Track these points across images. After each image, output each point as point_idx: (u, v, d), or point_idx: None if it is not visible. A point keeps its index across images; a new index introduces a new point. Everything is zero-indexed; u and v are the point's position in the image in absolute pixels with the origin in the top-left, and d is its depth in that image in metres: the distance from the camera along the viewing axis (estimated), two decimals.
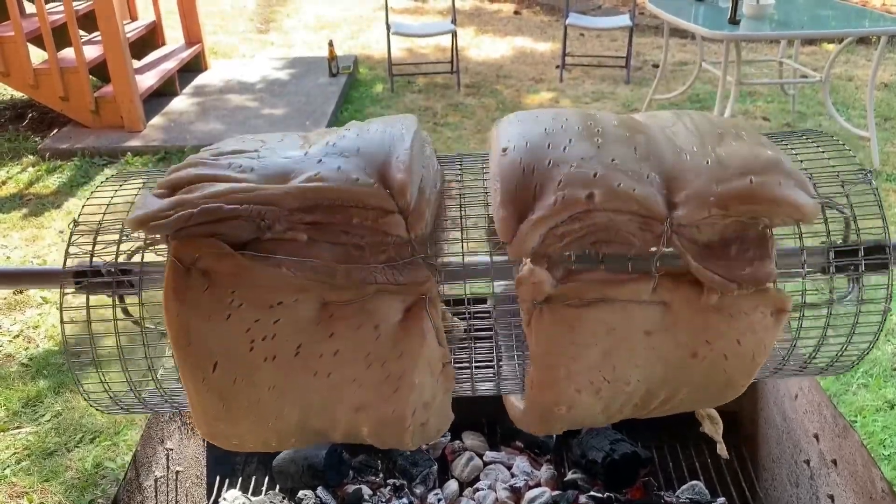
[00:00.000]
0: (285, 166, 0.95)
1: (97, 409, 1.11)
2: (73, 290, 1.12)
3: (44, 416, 2.86)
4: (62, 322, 1.04)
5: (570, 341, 0.92)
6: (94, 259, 1.14)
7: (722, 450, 1.55)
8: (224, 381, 0.92)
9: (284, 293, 0.90)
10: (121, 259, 1.10)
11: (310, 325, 0.91)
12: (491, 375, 1.08)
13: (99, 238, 1.11)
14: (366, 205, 0.90)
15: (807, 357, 1.08)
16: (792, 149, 1.12)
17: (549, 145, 0.93)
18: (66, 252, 1.08)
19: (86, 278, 1.10)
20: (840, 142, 1.15)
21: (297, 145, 1.01)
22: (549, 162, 0.91)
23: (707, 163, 0.92)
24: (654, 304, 0.92)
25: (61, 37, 5.09)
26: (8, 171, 4.86)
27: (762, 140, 0.99)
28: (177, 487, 1.58)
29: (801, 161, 1.10)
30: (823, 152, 1.13)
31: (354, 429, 0.99)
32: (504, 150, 0.95)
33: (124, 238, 1.15)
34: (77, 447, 2.71)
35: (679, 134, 0.99)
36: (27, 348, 3.23)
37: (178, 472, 1.60)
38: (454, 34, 6.21)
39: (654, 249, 0.90)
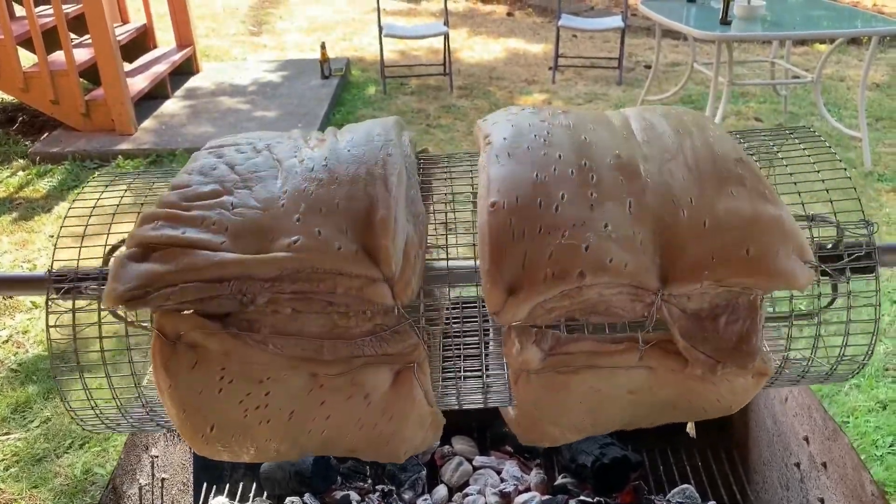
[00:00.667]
0: (261, 224, 0.90)
1: (83, 428, 1.10)
2: (55, 297, 1.11)
3: (33, 421, 2.84)
4: (48, 337, 1.03)
5: (556, 401, 0.95)
6: (81, 264, 1.14)
7: None
8: (222, 437, 0.94)
9: (273, 370, 0.90)
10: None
11: (301, 394, 0.92)
12: (479, 388, 1.08)
13: (84, 244, 1.10)
14: (349, 274, 0.88)
15: (802, 370, 1.07)
16: (783, 159, 1.11)
17: (540, 203, 0.88)
18: (52, 261, 1.07)
19: (66, 284, 1.09)
20: (827, 144, 1.14)
21: (273, 173, 0.96)
22: (540, 228, 0.86)
23: (705, 224, 0.88)
24: (639, 368, 0.93)
25: (51, 40, 5.07)
26: None
27: (764, 188, 0.93)
28: (162, 495, 1.56)
29: (791, 174, 1.09)
30: (810, 156, 1.12)
31: (349, 454, 1.03)
32: (493, 204, 0.88)
33: (109, 245, 1.14)
34: (66, 453, 2.69)
35: (677, 174, 0.93)
36: (16, 353, 3.21)
37: (163, 479, 1.58)
38: (446, 36, 6.20)
39: (644, 317, 0.90)
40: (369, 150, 0.98)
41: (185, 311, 0.89)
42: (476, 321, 1.03)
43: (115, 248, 1.06)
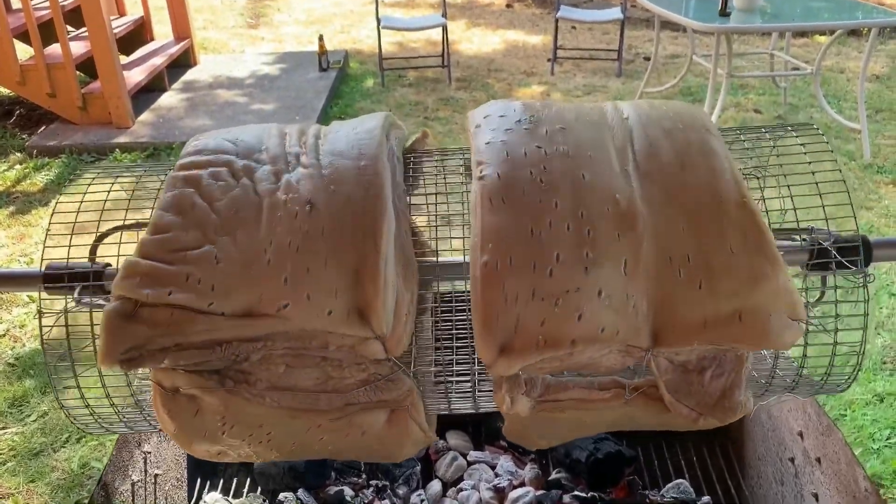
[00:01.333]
0: (249, 283, 0.88)
1: (78, 427, 1.10)
2: (46, 294, 1.11)
3: (30, 416, 2.84)
4: (41, 335, 1.03)
5: (543, 430, 1.03)
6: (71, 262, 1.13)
7: None
8: (228, 456, 1.01)
9: (271, 419, 0.94)
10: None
11: (300, 433, 0.96)
12: (468, 391, 1.08)
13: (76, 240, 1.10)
14: (341, 334, 0.88)
15: (794, 380, 1.07)
16: (779, 156, 1.11)
17: (534, 266, 0.85)
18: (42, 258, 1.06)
19: (56, 283, 1.09)
20: (825, 140, 1.13)
21: (255, 214, 0.92)
22: (534, 293, 0.85)
23: (700, 286, 0.87)
24: (623, 407, 0.97)
25: (48, 33, 5.05)
26: None
27: (762, 240, 0.91)
28: (155, 490, 1.56)
29: (786, 176, 1.08)
30: (806, 153, 1.12)
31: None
32: (486, 264, 0.86)
33: (100, 242, 1.14)
34: (63, 447, 2.69)
35: (676, 224, 0.90)
36: (13, 348, 3.21)
37: (156, 475, 1.58)
38: (445, 28, 6.18)
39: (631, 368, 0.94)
40: (357, 187, 0.94)
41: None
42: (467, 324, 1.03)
43: (101, 238, 1.06)
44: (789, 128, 1.17)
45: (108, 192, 1.14)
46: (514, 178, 0.91)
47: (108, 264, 1.14)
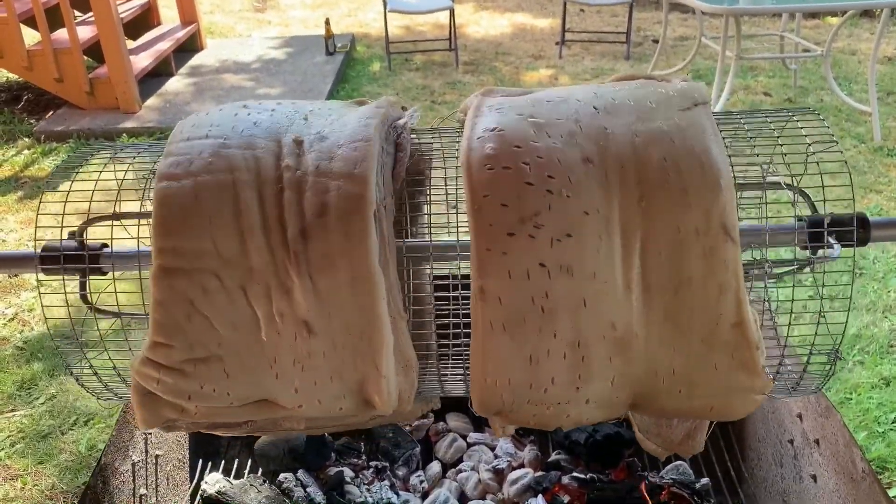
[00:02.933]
0: (261, 393, 0.97)
1: (91, 394, 1.13)
2: (42, 275, 1.12)
3: (38, 398, 2.87)
4: (43, 306, 1.06)
5: None
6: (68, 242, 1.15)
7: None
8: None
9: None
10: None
11: None
12: (461, 376, 1.09)
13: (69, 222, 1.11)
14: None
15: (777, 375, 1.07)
16: (779, 138, 1.10)
17: (531, 385, 0.93)
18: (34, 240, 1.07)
19: (52, 263, 1.10)
20: (826, 125, 1.12)
21: (255, 333, 0.94)
22: (528, 401, 0.94)
23: (679, 392, 0.96)
24: None
25: (54, 17, 5.05)
26: (3, 154, 4.84)
27: (748, 357, 0.94)
28: (157, 471, 1.57)
29: (785, 154, 1.07)
30: (806, 136, 1.11)
31: None
32: (486, 379, 0.93)
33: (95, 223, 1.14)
34: (71, 430, 2.72)
35: (667, 345, 0.94)
36: (22, 331, 3.23)
37: (157, 455, 1.59)
38: (452, 11, 6.13)
39: None
40: (353, 310, 0.94)
41: None
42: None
43: (88, 223, 1.07)
44: (791, 113, 1.16)
45: (100, 172, 1.15)
46: (515, 306, 0.90)
47: (105, 244, 1.15)
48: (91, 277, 1.12)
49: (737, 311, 0.92)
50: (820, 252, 1.01)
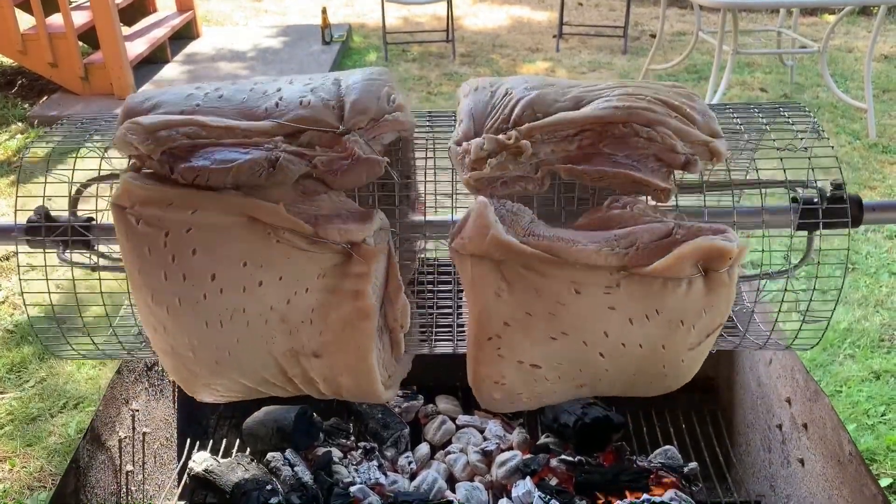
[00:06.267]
0: None
1: (54, 355, 1.13)
2: (27, 246, 1.12)
3: (28, 381, 2.86)
4: (19, 275, 1.05)
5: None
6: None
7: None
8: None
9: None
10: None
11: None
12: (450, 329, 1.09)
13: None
14: None
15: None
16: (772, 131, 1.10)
17: None
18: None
19: (38, 235, 1.09)
20: (813, 118, 1.12)
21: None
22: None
23: None
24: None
25: (49, 2, 5.01)
26: None
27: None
28: (143, 448, 1.57)
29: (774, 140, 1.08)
30: (793, 124, 1.12)
31: None
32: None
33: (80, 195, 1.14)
34: (60, 413, 2.71)
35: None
36: (12, 315, 3.22)
37: (144, 433, 1.58)
38: (450, 2, 6.11)
39: None
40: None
41: None
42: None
43: (80, 190, 1.06)
44: (779, 107, 1.17)
45: (89, 144, 1.14)
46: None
47: (91, 218, 1.14)
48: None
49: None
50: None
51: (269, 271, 0.93)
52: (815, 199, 1.06)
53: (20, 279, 1.10)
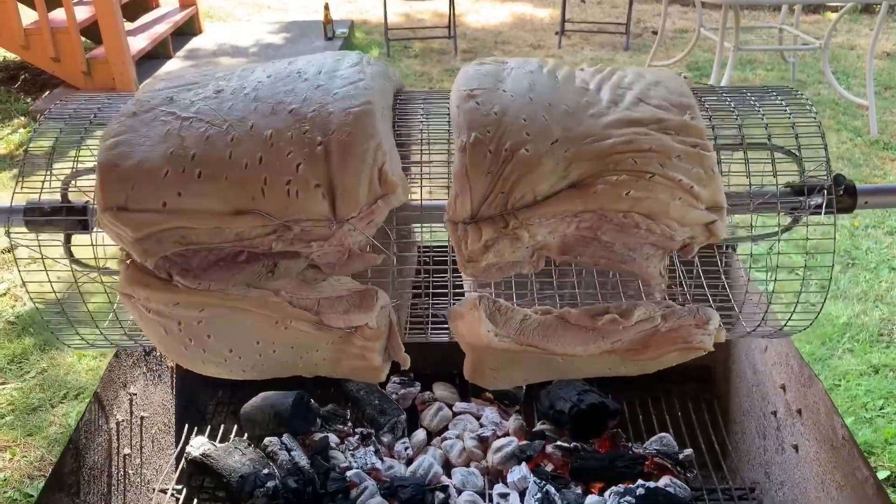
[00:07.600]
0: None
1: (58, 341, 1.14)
2: (22, 229, 1.13)
3: (29, 372, 2.87)
4: (15, 260, 1.06)
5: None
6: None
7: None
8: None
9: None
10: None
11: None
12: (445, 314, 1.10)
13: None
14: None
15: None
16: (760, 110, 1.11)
17: None
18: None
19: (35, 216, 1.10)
20: (805, 98, 1.13)
21: None
22: None
23: None
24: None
25: None
26: None
27: None
28: (141, 432, 1.58)
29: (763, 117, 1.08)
30: (786, 107, 1.12)
31: None
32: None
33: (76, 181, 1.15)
34: (61, 403, 2.72)
35: None
36: (14, 306, 3.23)
37: (142, 417, 1.59)
38: None
39: None
40: None
41: None
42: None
43: (71, 177, 1.07)
44: (772, 91, 1.18)
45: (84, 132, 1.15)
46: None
47: (88, 201, 1.15)
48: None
49: None
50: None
51: (281, 345, 1.03)
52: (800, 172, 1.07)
53: (19, 271, 1.11)
